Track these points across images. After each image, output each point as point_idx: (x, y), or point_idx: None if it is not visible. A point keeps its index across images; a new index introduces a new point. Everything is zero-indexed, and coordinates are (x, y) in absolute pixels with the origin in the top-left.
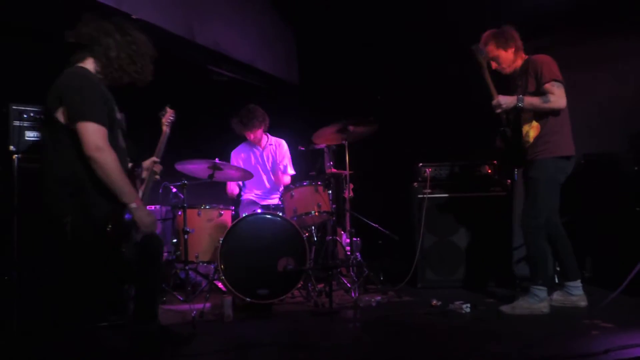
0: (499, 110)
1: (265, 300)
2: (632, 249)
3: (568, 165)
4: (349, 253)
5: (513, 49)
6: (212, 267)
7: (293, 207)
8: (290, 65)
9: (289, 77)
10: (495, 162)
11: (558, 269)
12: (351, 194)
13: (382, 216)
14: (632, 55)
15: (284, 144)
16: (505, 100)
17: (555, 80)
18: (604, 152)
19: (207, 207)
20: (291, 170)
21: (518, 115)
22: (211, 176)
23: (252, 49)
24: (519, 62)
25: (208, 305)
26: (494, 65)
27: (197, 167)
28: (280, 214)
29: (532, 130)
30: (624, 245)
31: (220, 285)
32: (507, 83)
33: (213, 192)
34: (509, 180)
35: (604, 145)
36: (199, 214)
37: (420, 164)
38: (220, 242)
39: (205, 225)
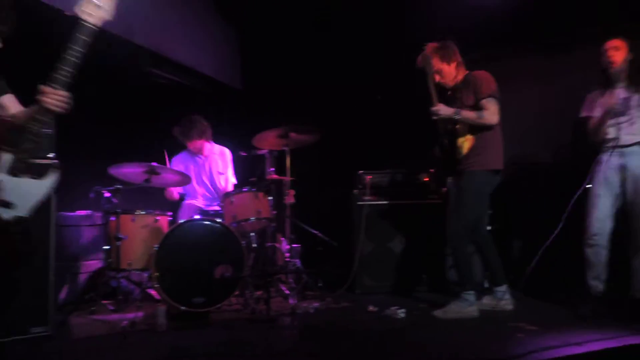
0: (435, 117)
1: (201, 309)
2: (553, 255)
3: (496, 178)
4: (288, 259)
5: (455, 64)
6: (146, 274)
7: (233, 213)
8: (234, 69)
9: (233, 82)
10: (432, 170)
11: (487, 273)
12: (292, 200)
13: (322, 223)
14: (572, 70)
15: (227, 152)
16: (444, 110)
17: (492, 97)
18: (535, 161)
19: (143, 212)
20: (233, 179)
21: (454, 127)
22: (147, 181)
23: (195, 51)
24: (460, 77)
25: (140, 314)
26: (437, 78)
27: (132, 171)
28: (219, 220)
29: (466, 142)
30: (547, 251)
31: (154, 293)
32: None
33: (150, 197)
34: (445, 188)
35: (537, 156)
36: (133, 220)
37: (361, 172)
38: (156, 248)
39: (140, 231)
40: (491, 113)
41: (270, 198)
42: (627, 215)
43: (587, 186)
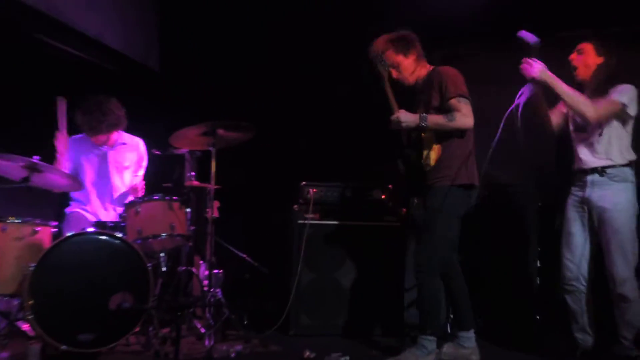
0: (397, 128)
1: (88, 349)
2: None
3: (470, 196)
4: (206, 289)
5: (414, 56)
6: (16, 302)
7: (138, 226)
8: (150, 46)
9: (148, 61)
10: (390, 186)
11: (452, 315)
12: (216, 214)
13: (252, 244)
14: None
15: (141, 145)
16: (407, 118)
17: (462, 96)
18: (510, 183)
19: (17, 220)
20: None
21: (419, 136)
22: (26, 180)
23: (100, 19)
24: (422, 72)
25: (5, 355)
26: (394, 74)
27: (6, 166)
28: (120, 235)
29: (433, 152)
30: (518, 292)
31: (26, 327)
32: (411, 98)
33: (31, 201)
34: (404, 209)
35: (509, 175)
36: (3, 230)
37: (304, 183)
38: (31, 269)
39: (11, 245)
40: (464, 114)
41: (188, 210)
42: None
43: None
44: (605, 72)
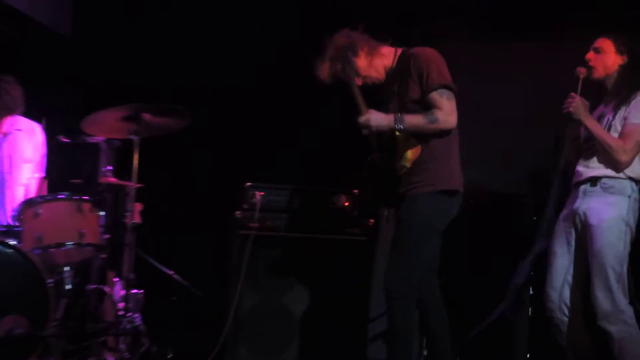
0: (367, 131)
1: None
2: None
3: (452, 205)
4: (122, 313)
5: (364, 51)
6: None
7: (37, 232)
8: (61, 7)
9: (57, 25)
10: (355, 191)
11: (425, 352)
12: (137, 219)
13: (182, 258)
14: (559, 64)
15: (38, 131)
16: (378, 119)
17: (445, 88)
18: (502, 192)
19: None
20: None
21: (393, 135)
22: None
23: None
24: (388, 61)
25: None
26: (359, 80)
27: None
28: (12, 243)
29: (409, 152)
30: (506, 325)
31: None
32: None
33: None
34: (372, 220)
35: (501, 183)
36: None
37: (249, 184)
38: None
39: None
40: (446, 113)
41: (102, 213)
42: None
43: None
44: (629, 74)
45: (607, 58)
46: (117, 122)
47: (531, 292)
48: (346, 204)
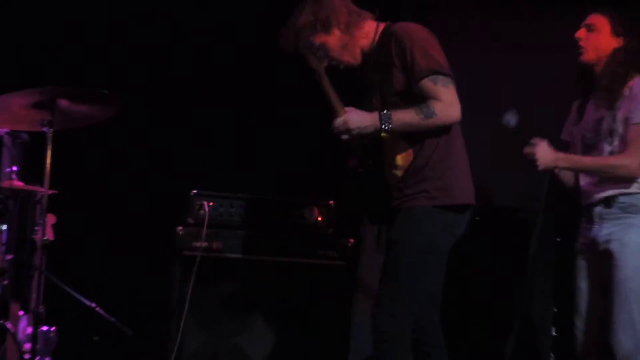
0: (346, 137)
1: None
2: None
3: (459, 221)
4: (28, 357)
5: (340, 27)
6: None
7: None
8: None
9: None
10: (331, 202)
11: None
12: (49, 235)
13: (108, 286)
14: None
15: None
16: (359, 120)
17: (438, 73)
18: (515, 207)
19: None
20: None
21: (377, 139)
22: None
23: None
24: (366, 40)
25: None
26: (322, 63)
27: None
28: None
29: (400, 157)
30: None
31: None
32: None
33: None
34: (352, 240)
35: (514, 194)
36: None
37: (194, 192)
38: None
39: None
40: (446, 104)
41: (3, 228)
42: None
43: None
44: (624, 61)
45: (599, 39)
46: (24, 110)
47: (554, 333)
48: (319, 218)
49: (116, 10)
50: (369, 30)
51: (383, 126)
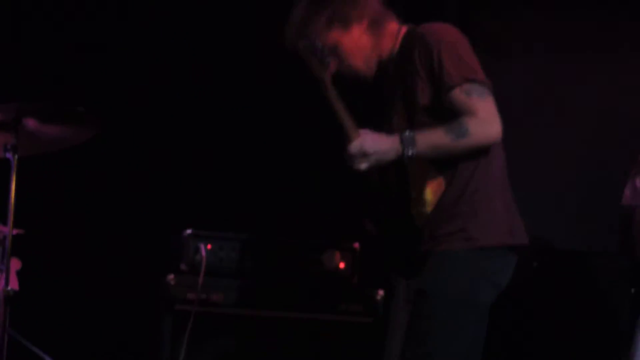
0: (362, 166)
1: None
2: None
3: (504, 268)
4: None
5: (365, 23)
6: None
7: None
8: None
9: None
10: (356, 245)
11: None
12: (14, 284)
13: (83, 347)
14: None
15: None
16: (376, 145)
17: (473, 82)
18: (582, 251)
19: None
20: None
21: (401, 165)
22: None
23: None
24: (387, 45)
25: None
26: (332, 65)
27: None
28: None
29: (429, 190)
30: None
31: None
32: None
33: None
34: (381, 291)
35: (575, 236)
36: None
37: (189, 232)
38: None
39: None
40: (482, 120)
41: None
42: None
43: None
44: None
45: None
46: None
47: None
48: (342, 265)
49: (95, 12)
50: (392, 32)
51: (405, 150)
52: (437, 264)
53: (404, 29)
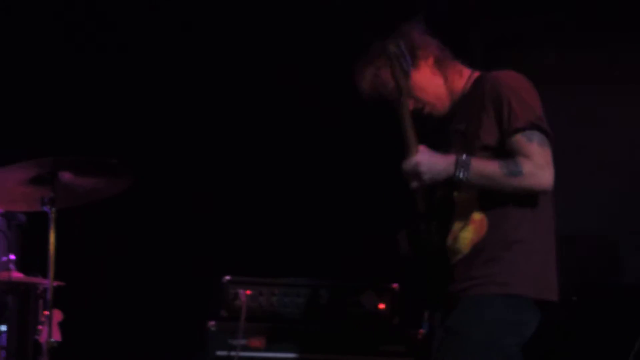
0: (416, 183)
1: None
2: None
3: (531, 321)
4: None
5: (430, 61)
6: None
7: None
8: None
9: None
10: (395, 286)
11: None
12: (56, 336)
13: None
14: None
15: None
16: (432, 163)
17: (536, 128)
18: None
19: None
20: None
21: (448, 195)
22: None
23: None
24: (459, 84)
25: None
26: (410, 103)
27: None
28: None
29: (469, 228)
30: None
31: None
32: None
33: None
34: (422, 331)
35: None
36: None
37: (228, 279)
38: None
39: None
40: (537, 165)
41: (2, 328)
42: None
43: None
44: None
45: None
46: (20, 187)
47: None
48: (381, 306)
49: (127, 67)
50: (463, 74)
51: (457, 173)
52: (468, 305)
53: (476, 73)
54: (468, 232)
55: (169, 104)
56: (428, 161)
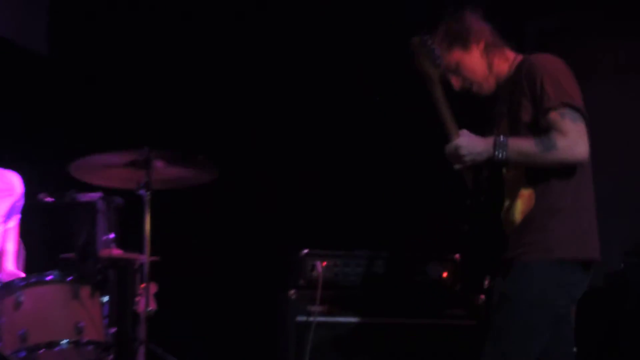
0: (459, 165)
1: None
2: None
3: (579, 282)
4: None
5: (481, 44)
6: None
7: (20, 328)
8: (34, 19)
9: (28, 41)
10: (457, 256)
11: None
12: (152, 305)
13: (215, 357)
14: None
15: (16, 182)
16: (472, 145)
17: (569, 106)
18: None
19: None
20: (12, 246)
21: (497, 173)
22: None
23: None
24: (503, 68)
25: None
26: (455, 82)
27: None
28: None
29: (520, 201)
30: None
31: None
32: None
33: None
34: (482, 296)
35: None
36: None
37: (306, 252)
38: None
39: None
40: (570, 140)
41: (104, 299)
42: None
43: None
44: None
45: None
46: (119, 171)
47: None
48: (444, 275)
49: (216, 74)
50: (509, 58)
51: (496, 152)
52: (519, 270)
53: (519, 57)
54: (519, 205)
55: (242, 105)
56: (467, 144)
